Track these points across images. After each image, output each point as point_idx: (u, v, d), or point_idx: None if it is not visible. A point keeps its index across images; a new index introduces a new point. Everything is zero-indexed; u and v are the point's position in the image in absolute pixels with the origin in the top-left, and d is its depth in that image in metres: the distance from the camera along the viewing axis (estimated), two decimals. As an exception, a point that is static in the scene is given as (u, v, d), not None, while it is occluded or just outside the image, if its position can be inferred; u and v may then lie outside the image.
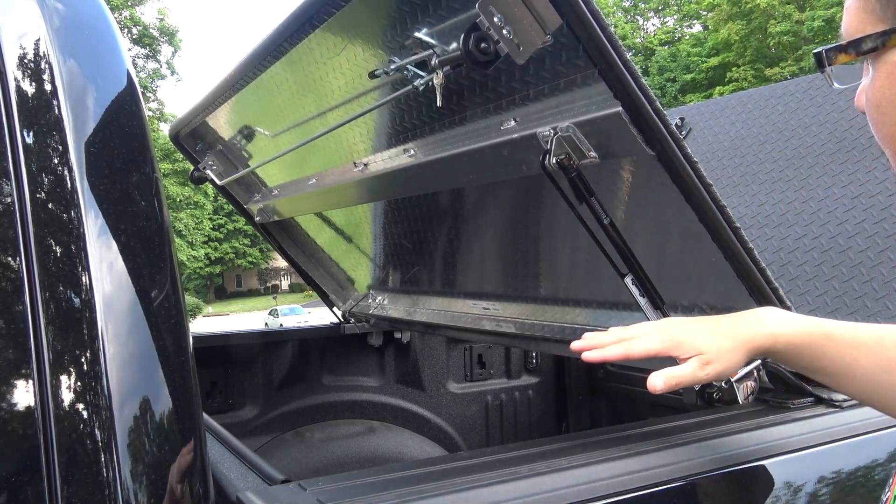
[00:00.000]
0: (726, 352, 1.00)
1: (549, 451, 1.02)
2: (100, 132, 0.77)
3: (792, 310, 1.20)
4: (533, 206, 1.72)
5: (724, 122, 3.21)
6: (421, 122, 1.63)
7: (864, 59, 0.63)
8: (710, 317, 1.06)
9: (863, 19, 0.61)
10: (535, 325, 1.93)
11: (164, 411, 0.73)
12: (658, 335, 1.02)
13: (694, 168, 1.07)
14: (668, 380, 0.96)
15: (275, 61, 1.67)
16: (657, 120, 1.04)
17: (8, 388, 0.66)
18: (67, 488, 0.66)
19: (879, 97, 0.62)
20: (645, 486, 0.96)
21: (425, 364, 2.79)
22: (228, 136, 2.29)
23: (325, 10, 1.38)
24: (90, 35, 0.81)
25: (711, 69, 33.82)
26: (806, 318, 1.03)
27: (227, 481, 0.93)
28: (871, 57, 0.61)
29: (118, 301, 0.72)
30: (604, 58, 1.01)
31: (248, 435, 2.51)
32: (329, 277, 2.79)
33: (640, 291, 1.31)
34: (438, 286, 2.34)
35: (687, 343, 1.00)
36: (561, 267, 1.82)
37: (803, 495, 1.11)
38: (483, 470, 0.92)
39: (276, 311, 26.91)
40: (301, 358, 2.67)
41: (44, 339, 0.68)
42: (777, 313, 1.03)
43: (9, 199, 0.70)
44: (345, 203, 2.28)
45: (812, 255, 2.27)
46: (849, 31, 0.63)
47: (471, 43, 0.99)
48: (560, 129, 1.20)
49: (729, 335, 1.01)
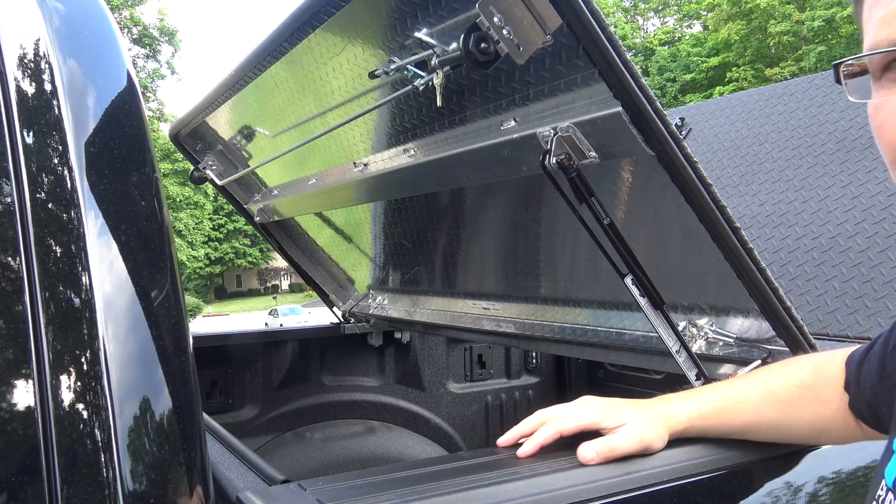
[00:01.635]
0: (652, 423, 1.02)
1: (549, 451, 1.02)
2: (100, 132, 0.77)
3: (792, 310, 1.20)
4: (533, 206, 1.72)
5: (724, 122, 3.21)
6: (421, 122, 1.63)
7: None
8: (629, 400, 1.09)
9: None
10: (535, 325, 1.93)
11: (164, 411, 0.73)
12: (585, 409, 1.05)
13: (694, 168, 1.07)
14: (601, 450, 0.97)
15: (275, 61, 1.67)
16: (657, 120, 1.04)
17: (8, 388, 0.66)
18: (67, 488, 0.66)
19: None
20: (645, 486, 0.96)
21: (425, 364, 2.79)
22: (228, 136, 2.29)
23: (325, 10, 1.38)
24: (90, 35, 0.81)
25: (711, 69, 33.82)
26: (707, 391, 1.10)
27: (227, 481, 0.93)
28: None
29: (118, 301, 0.72)
30: (604, 58, 1.01)
31: (248, 435, 2.51)
32: (329, 277, 2.79)
33: (640, 292, 1.31)
34: (438, 286, 2.34)
35: (613, 415, 1.02)
36: (561, 267, 1.82)
37: (803, 495, 1.11)
38: (483, 470, 0.92)
39: (276, 311, 26.92)
40: (301, 358, 2.67)
41: (44, 339, 0.68)
42: (683, 397, 1.09)
43: (9, 199, 0.70)
44: (345, 203, 2.27)
45: (812, 255, 2.27)
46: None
47: (471, 43, 0.99)
48: (560, 129, 1.20)
49: (651, 413, 1.04)
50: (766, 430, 1.06)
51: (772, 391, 1.06)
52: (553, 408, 1.08)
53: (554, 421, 1.04)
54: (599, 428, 1.02)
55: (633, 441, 0.97)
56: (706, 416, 1.05)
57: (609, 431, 1.00)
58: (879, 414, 0.95)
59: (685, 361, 1.33)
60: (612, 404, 1.05)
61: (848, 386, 1.01)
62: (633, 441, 0.97)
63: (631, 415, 1.02)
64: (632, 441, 0.97)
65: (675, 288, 1.42)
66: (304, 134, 1.92)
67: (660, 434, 1.01)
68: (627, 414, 1.02)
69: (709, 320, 1.45)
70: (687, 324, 1.46)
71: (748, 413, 1.05)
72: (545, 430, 1.03)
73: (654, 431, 1.00)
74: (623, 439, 0.98)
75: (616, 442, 0.97)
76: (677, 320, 1.42)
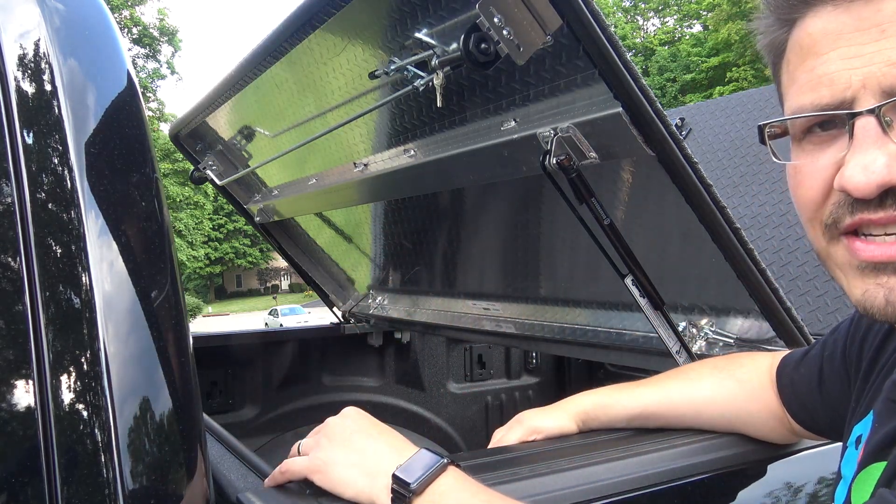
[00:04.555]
0: (549, 411, 1.13)
1: (550, 452, 1.02)
2: (100, 132, 0.77)
3: (792, 310, 1.20)
4: (533, 207, 1.72)
5: (724, 122, 3.21)
6: (421, 122, 1.63)
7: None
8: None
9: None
10: (535, 325, 1.93)
11: (164, 411, 0.73)
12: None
13: (694, 168, 1.07)
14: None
15: (275, 61, 1.67)
16: (657, 120, 1.04)
17: (8, 388, 0.66)
18: (67, 488, 0.66)
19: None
20: (645, 486, 0.96)
21: (425, 364, 2.79)
22: (228, 137, 2.29)
23: (326, 11, 1.38)
24: (90, 35, 0.81)
25: (711, 69, 33.81)
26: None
27: (227, 481, 0.93)
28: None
29: (118, 301, 0.72)
30: (604, 58, 1.01)
31: (248, 435, 2.51)
32: (329, 277, 2.79)
33: (640, 292, 1.31)
34: (438, 286, 2.34)
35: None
36: (561, 267, 1.83)
37: (803, 496, 1.11)
38: (482, 470, 0.92)
39: (276, 311, 26.90)
40: (301, 358, 2.67)
41: (44, 339, 0.68)
42: (533, 412, 1.15)
43: (9, 199, 0.70)
44: (345, 203, 2.28)
45: (812, 255, 2.27)
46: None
47: (471, 43, 0.99)
48: (560, 130, 1.20)
49: (556, 405, 1.16)
50: (672, 401, 1.09)
51: (678, 370, 1.15)
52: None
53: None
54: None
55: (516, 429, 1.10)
56: (605, 402, 1.13)
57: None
58: (815, 417, 0.97)
59: (685, 362, 1.33)
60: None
61: (780, 378, 1.03)
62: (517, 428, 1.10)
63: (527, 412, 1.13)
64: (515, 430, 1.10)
65: (675, 288, 1.42)
66: (305, 134, 1.92)
67: (554, 416, 1.10)
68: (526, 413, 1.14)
69: (709, 321, 1.45)
70: (687, 324, 1.46)
71: (651, 386, 1.11)
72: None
73: (545, 415, 1.11)
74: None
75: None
76: (677, 321, 1.42)
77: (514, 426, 1.11)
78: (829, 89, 0.60)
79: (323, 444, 0.85)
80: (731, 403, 1.05)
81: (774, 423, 1.04)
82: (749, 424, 1.06)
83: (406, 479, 0.76)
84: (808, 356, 0.99)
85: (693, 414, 1.07)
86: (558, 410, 1.12)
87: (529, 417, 1.11)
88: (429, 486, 0.76)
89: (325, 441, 0.86)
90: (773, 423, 1.04)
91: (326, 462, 0.83)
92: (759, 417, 1.04)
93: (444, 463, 0.78)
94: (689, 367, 1.16)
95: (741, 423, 1.06)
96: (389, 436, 0.86)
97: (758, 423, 1.05)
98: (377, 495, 0.78)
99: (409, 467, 0.77)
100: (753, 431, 1.07)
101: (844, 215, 0.62)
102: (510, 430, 1.11)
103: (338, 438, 0.85)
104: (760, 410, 1.04)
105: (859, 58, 0.58)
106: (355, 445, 0.84)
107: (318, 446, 0.86)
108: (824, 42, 0.61)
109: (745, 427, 1.07)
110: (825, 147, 0.63)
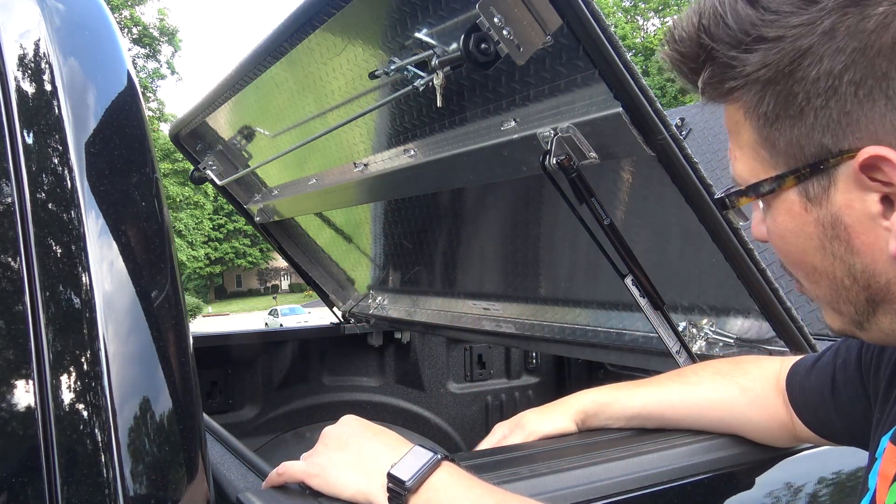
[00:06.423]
0: (543, 411, 1.13)
1: (550, 452, 1.02)
2: (100, 132, 0.77)
3: (792, 310, 1.20)
4: (533, 207, 1.72)
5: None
6: (421, 122, 1.63)
7: (762, 199, 0.65)
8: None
9: (755, 167, 0.63)
10: (535, 325, 1.93)
11: (164, 411, 0.73)
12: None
13: (694, 168, 1.07)
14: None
15: (275, 61, 1.67)
16: (657, 120, 1.04)
17: (8, 388, 0.66)
18: (67, 488, 0.66)
19: (783, 230, 0.64)
20: (645, 486, 0.96)
21: (425, 364, 2.79)
22: (228, 136, 2.29)
23: (326, 11, 1.38)
24: (90, 35, 0.81)
25: (711, 69, 33.78)
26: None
27: (227, 481, 0.93)
28: (770, 197, 0.63)
29: (118, 301, 0.72)
30: (604, 58, 1.01)
31: (248, 435, 2.51)
32: (329, 277, 2.79)
33: (640, 292, 1.31)
34: (438, 286, 2.34)
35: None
36: (561, 267, 1.83)
37: (803, 496, 1.11)
38: (482, 471, 0.92)
39: (276, 311, 26.90)
40: (301, 358, 2.67)
41: (44, 339, 0.68)
42: (533, 414, 1.14)
43: (9, 199, 0.70)
44: (345, 203, 2.28)
45: (812, 256, 2.27)
46: (743, 177, 0.64)
47: (471, 43, 0.99)
48: (560, 130, 1.20)
49: (552, 405, 1.16)
50: (672, 403, 1.09)
51: (679, 372, 1.14)
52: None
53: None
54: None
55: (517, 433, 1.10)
56: (605, 400, 1.12)
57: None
58: (830, 425, 0.95)
59: (685, 362, 1.33)
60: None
61: (790, 385, 1.01)
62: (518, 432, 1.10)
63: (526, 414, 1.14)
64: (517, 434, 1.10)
65: (675, 288, 1.42)
66: (305, 134, 1.92)
67: (554, 418, 1.10)
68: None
69: (709, 321, 1.45)
70: (687, 324, 1.46)
71: (651, 387, 1.10)
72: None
73: (545, 417, 1.11)
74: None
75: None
76: (677, 321, 1.42)
77: (515, 430, 1.11)
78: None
79: (320, 450, 0.86)
80: (730, 409, 1.05)
81: (777, 429, 1.03)
82: (749, 430, 1.06)
83: (401, 477, 0.76)
84: (819, 363, 0.97)
85: (693, 417, 1.07)
86: (558, 411, 1.12)
87: (530, 421, 1.11)
88: (423, 482, 0.76)
89: (322, 447, 0.86)
90: (776, 430, 1.03)
91: (323, 465, 0.83)
92: (760, 424, 1.04)
93: (437, 459, 0.78)
94: (691, 368, 1.16)
95: (741, 428, 1.06)
96: (385, 436, 0.87)
97: (759, 429, 1.05)
98: (374, 495, 0.79)
99: (403, 465, 0.78)
100: (754, 437, 1.07)
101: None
102: (511, 434, 1.11)
103: (334, 443, 0.85)
104: (761, 417, 1.03)
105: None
106: (352, 448, 0.84)
107: (315, 452, 0.86)
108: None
109: (745, 432, 1.07)
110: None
